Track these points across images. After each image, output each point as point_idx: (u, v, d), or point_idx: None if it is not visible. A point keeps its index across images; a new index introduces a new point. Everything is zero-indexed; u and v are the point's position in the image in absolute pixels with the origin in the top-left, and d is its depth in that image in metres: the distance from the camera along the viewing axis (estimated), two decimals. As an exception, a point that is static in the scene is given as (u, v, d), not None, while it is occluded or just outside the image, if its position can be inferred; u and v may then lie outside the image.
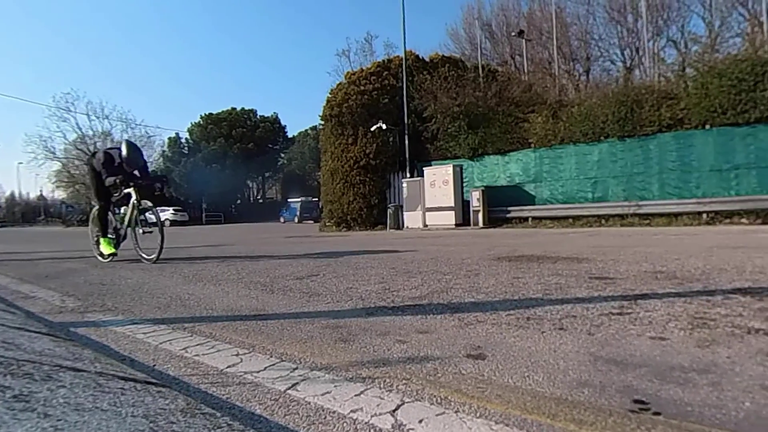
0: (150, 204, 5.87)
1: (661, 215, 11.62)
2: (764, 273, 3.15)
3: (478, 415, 1.19)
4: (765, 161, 10.70)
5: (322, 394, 1.36)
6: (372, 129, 16.04)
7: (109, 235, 6.02)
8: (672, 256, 4.42)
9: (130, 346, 1.98)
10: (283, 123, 53.55)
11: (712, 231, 8.58)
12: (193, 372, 1.61)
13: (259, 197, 58.40)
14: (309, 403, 1.31)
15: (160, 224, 5.77)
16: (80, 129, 47.38)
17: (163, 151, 49.88)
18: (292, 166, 54.09)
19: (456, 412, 1.21)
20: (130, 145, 5.99)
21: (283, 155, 55.45)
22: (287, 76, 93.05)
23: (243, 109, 51.30)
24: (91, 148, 48.83)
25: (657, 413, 1.16)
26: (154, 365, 1.71)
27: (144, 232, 5.79)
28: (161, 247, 5.55)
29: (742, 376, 1.37)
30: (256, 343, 1.96)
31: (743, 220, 10.59)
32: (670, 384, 1.34)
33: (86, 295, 3.37)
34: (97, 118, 47.52)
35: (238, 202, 52.36)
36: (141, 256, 5.76)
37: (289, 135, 54.56)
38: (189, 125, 50.69)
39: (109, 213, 6.11)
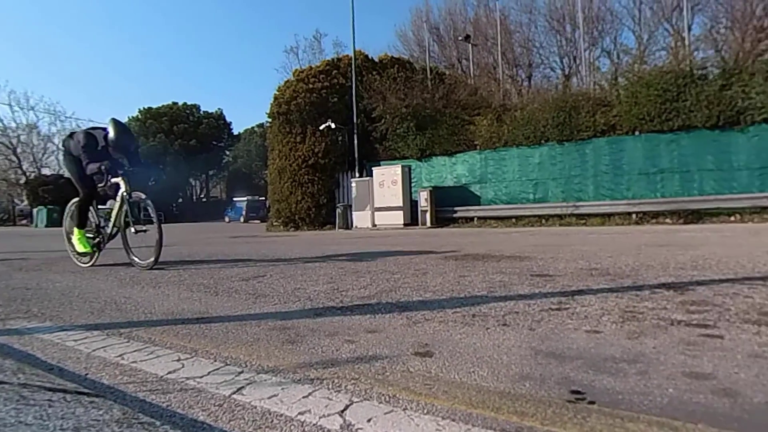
0: (143, 196, 4.86)
1: (595, 215, 12.33)
2: (685, 269, 3.42)
3: (425, 411, 1.21)
4: (686, 166, 11.64)
5: (269, 398, 1.33)
6: (321, 128, 15.90)
7: (88, 234, 5.13)
8: (605, 254, 4.70)
9: (59, 355, 1.84)
10: (228, 119, 52.18)
11: (640, 230, 9.21)
12: (130, 380, 1.53)
13: (202, 196, 56.37)
14: (255, 407, 1.28)
15: (157, 221, 4.76)
16: (1, 121, 43.81)
17: (97, 146, 46.92)
18: (237, 164, 52.65)
19: (404, 409, 1.23)
20: (119, 125, 4.95)
21: (228, 153, 53.86)
22: (233, 71, 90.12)
23: (185, 103, 49.35)
24: (14, 141, 45.22)
25: (592, 402, 1.23)
26: (87, 374, 1.60)
27: (137, 231, 4.83)
28: (159, 249, 4.65)
29: (666, 364, 1.48)
30: (198, 347, 1.89)
31: (667, 220, 11.46)
32: (604, 374, 1.42)
33: (8, 301, 3.11)
34: (21, 109, 44.21)
35: (180, 201, 50.21)
36: (132, 259, 4.86)
37: (235, 132, 53.15)
38: (126, 120, 48.03)
39: (91, 207, 5.17)
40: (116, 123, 4.95)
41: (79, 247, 5.05)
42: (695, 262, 3.80)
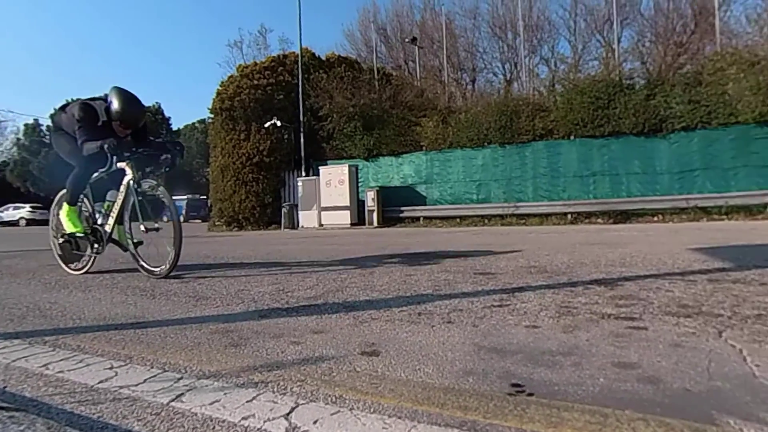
0: (153, 183, 3.91)
1: (534, 215, 12.92)
2: (614, 266, 3.66)
3: (372, 410, 1.21)
4: (616, 169, 12.47)
5: (210, 404, 1.28)
6: (266, 125, 15.57)
7: (85, 227, 4.11)
8: (543, 252, 4.92)
9: (-28, 367, 1.68)
10: (167, 114, 49.70)
11: (575, 229, 9.74)
12: (56, 391, 1.42)
13: (138, 194, 53.38)
14: (195, 414, 1.23)
15: (176, 216, 3.80)
16: None
17: (18, 140, 43.44)
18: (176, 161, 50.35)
19: (351, 409, 1.22)
20: (124, 94, 3.86)
21: (166, 149, 51.42)
22: (172, 64, 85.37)
23: (120, 96, 46.49)
24: None
25: (530, 394, 1.28)
26: (5, 387, 1.47)
27: (147, 230, 3.84)
28: (178, 251, 3.67)
29: (598, 355, 1.58)
30: (134, 353, 1.79)
31: (599, 220, 12.20)
32: (542, 367, 1.49)
33: None
34: (-72, 97, 39.94)
35: (113, 199, 47.26)
36: (141, 265, 3.92)
37: (174, 128, 50.72)
38: (52, 111, 44.64)
39: (84, 198, 4.17)
40: (121, 91, 3.88)
41: (68, 226, 4.04)
42: (623, 259, 4.07)
